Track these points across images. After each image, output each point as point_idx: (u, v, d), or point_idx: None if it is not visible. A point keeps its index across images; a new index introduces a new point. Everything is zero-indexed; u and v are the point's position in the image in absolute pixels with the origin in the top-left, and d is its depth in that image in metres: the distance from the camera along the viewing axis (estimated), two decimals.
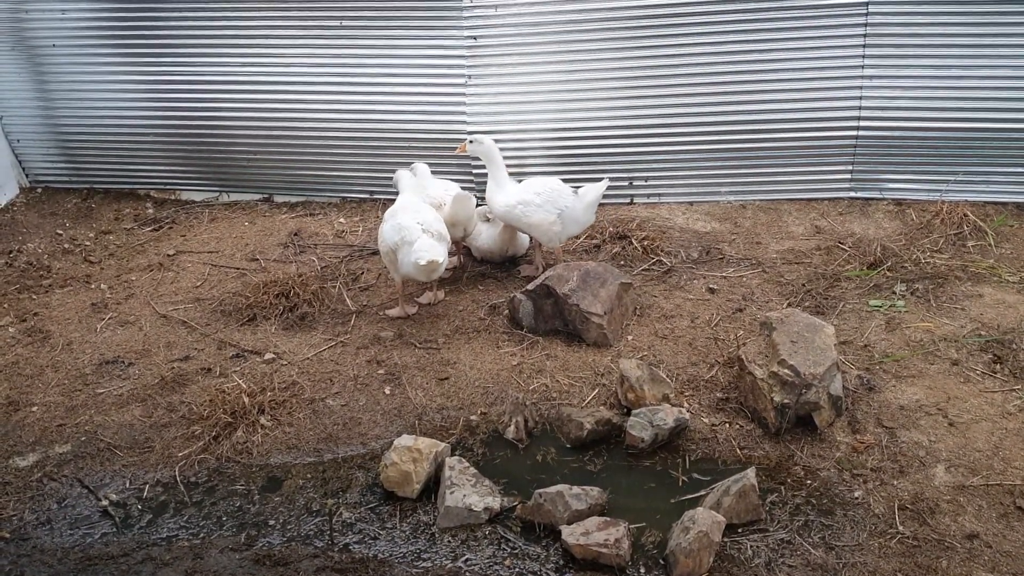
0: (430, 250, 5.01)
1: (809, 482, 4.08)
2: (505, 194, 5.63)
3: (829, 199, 6.71)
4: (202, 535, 4.01)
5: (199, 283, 6.10)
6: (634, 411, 4.38)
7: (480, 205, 6.02)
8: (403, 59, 6.83)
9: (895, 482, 4.02)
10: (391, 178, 6.96)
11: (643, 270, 5.89)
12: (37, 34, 7.23)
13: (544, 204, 5.52)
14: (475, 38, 6.69)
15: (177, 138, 7.38)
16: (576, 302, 5.06)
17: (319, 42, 6.91)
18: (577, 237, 6.17)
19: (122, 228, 7.11)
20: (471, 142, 5.73)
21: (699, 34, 6.47)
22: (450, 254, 6.00)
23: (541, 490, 3.93)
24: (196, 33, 7.04)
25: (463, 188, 5.98)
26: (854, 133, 6.52)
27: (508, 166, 5.91)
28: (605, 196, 6.78)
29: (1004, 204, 6.40)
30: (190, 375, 5.06)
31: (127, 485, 4.31)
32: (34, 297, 6.05)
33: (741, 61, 6.48)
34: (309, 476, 4.31)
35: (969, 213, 6.14)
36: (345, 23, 6.81)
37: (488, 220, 5.95)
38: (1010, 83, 6.22)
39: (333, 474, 4.31)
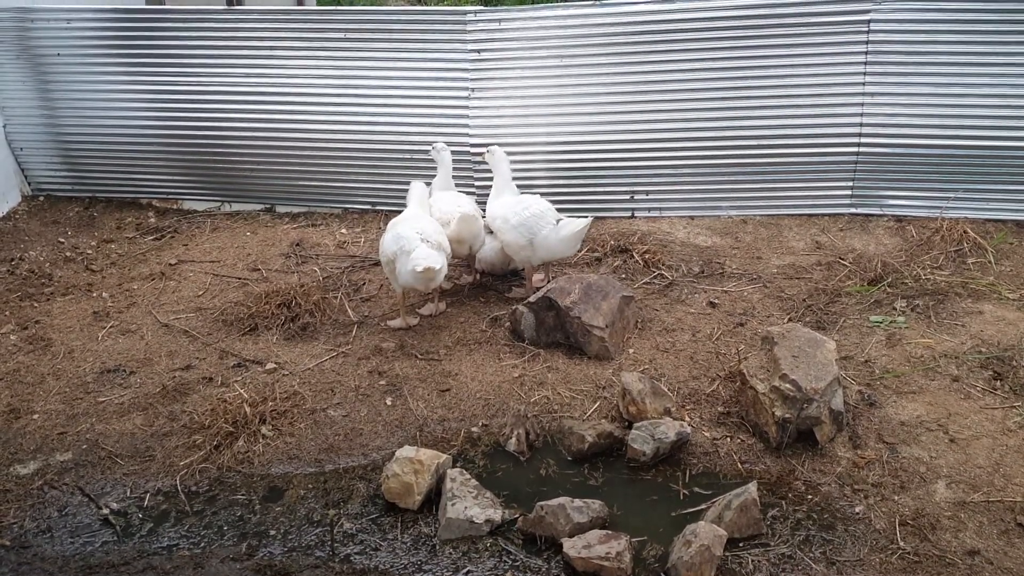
0: (427, 258, 5.03)
1: (810, 497, 4.08)
2: (495, 206, 5.65)
3: (830, 215, 6.74)
4: (203, 545, 4.00)
5: (201, 292, 6.11)
6: (635, 424, 4.38)
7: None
8: (407, 72, 6.88)
9: (896, 498, 4.03)
10: (393, 189, 7.02)
11: (644, 283, 5.90)
12: (42, 43, 7.26)
13: (518, 226, 5.46)
14: (479, 52, 6.72)
15: (180, 148, 7.41)
16: (578, 315, 5.07)
17: (323, 54, 6.95)
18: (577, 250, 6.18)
19: (124, 237, 7.12)
20: (487, 151, 5.82)
21: (701, 49, 6.52)
22: (463, 271, 6.05)
23: (543, 503, 3.93)
24: (199, 43, 7.08)
25: (462, 193, 5.98)
26: (855, 149, 6.55)
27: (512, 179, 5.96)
28: (606, 210, 6.85)
29: (1004, 222, 6.44)
30: (191, 384, 5.06)
31: (128, 494, 4.30)
32: (36, 305, 6.06)
33: (743, 77, 6.53)
34: (310, 486, 4.30)
35: (969, 230, 6.16)
36: (349, 35, 6.85)
37: (491, 232, 5.97)
38: (1010, 101, 6.28)
39: (334, 485, 4.31)
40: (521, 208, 5.49)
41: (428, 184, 5.82)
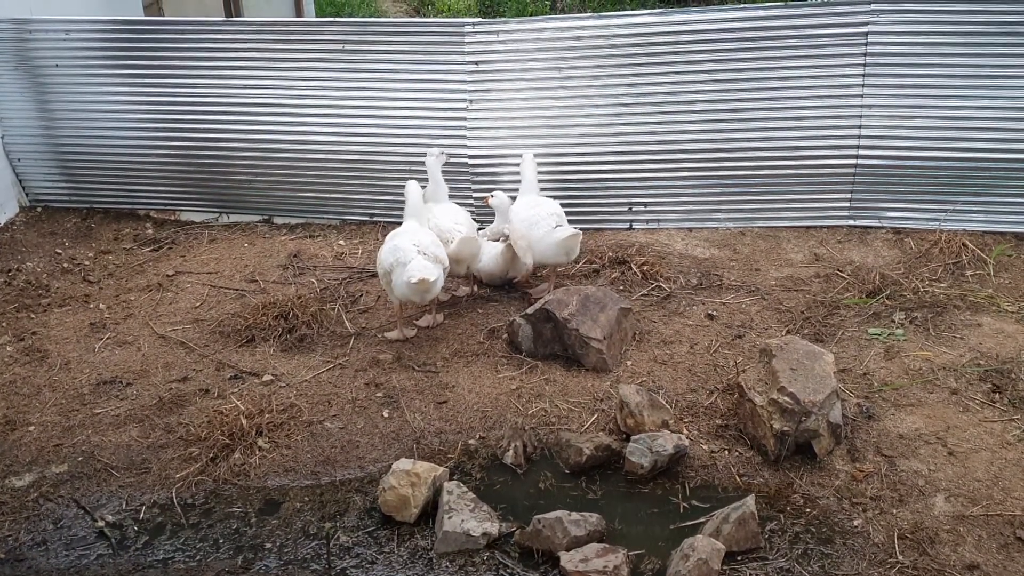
0: (422, 269, 5.03)
1: (808, 510, 4.06)
2: (518, 203, 5.87)
3: (828, 227, 6.74)
4: (199, 558, 3.98)
5: (198, 304, 6.09)
6: (633, 437, 4.36)
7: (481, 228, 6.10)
8: (405, 83, 6.87)
9: (894, 511, 4.01)
10: (391, 201, 7.02)
11: (642, 295, 5.89)
12: (40, 54, 7.26)
13: (525, 220, 5.65)
14: (477, 64, 6.73)
15: (178, 159, 7.40)
16: (576, 327, 5.06)
17: (321, 65, 6.95)
18: (576, 262, 6.16)
19: (121, 248, 7.11)
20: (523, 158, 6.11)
21: (699, 61, 6.52)
22: (460, 281, 6.06)
23: (540, 516, 3.91)
24: (198, 55, 7.08)
25: (459, 206, 6.00)
26: (853, 161, 6.55)
27: (510, 189, 6.01)
28: (604, 221, 6.87)
29: (1002, 234, 6.43)
30: (188, 396, 5.04)
31: (123, 506, 4.28)
32: (32, 316, 6.04)
33: (741, 88, 6.53)
34: (307, 499, 4.29)
35: (968, 243, 6.17)
36: (348, 47, 6.85)
37: (495, 239, 5.98)
38: (1009, 113, 6.28)
39: (331, 497, 4.29)
40: (529, 204, 5.75)
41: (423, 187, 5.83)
